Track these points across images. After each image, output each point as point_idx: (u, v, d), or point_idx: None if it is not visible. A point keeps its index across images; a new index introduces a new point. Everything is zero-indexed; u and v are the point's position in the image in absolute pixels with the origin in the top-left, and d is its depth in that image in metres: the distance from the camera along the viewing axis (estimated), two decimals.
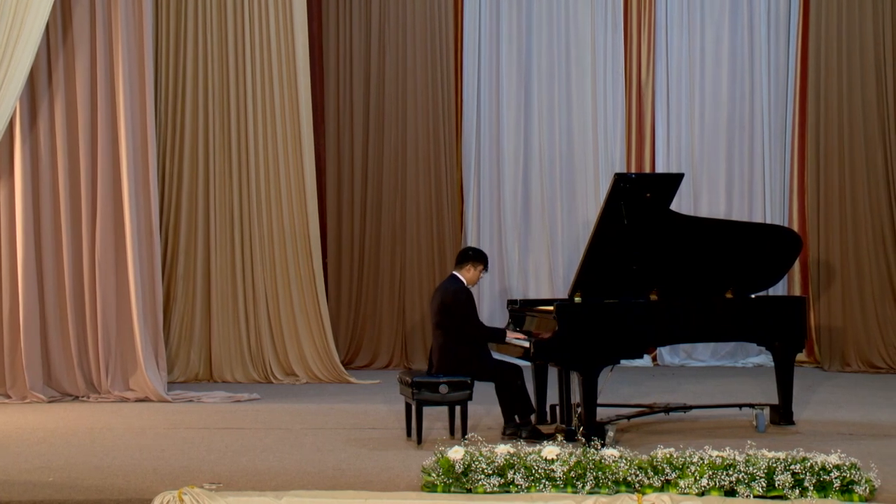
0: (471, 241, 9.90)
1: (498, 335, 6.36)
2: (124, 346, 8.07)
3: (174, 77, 9.16)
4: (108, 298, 8.04)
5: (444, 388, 6.08)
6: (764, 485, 4.82)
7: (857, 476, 4.80)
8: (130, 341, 8.03)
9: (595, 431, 5.90)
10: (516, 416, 6.24)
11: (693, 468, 4.90)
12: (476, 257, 6.41)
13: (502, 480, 4.94)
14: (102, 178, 8.03)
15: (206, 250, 9.14)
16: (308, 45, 9.25)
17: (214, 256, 9.11)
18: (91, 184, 8.05)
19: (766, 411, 6.63)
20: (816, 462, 4.85)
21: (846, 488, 4.79)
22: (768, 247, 6.75)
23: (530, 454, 5.03)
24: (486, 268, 6.45)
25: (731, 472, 4.85)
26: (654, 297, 6.46)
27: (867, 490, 4.80)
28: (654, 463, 4.96)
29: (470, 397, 6.14)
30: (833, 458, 4.87)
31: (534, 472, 4.94)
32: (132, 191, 8.00)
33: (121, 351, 8.08)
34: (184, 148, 9.14)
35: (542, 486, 4.92)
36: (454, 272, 6.41)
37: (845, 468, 4.82)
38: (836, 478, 4.79)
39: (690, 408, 6.90)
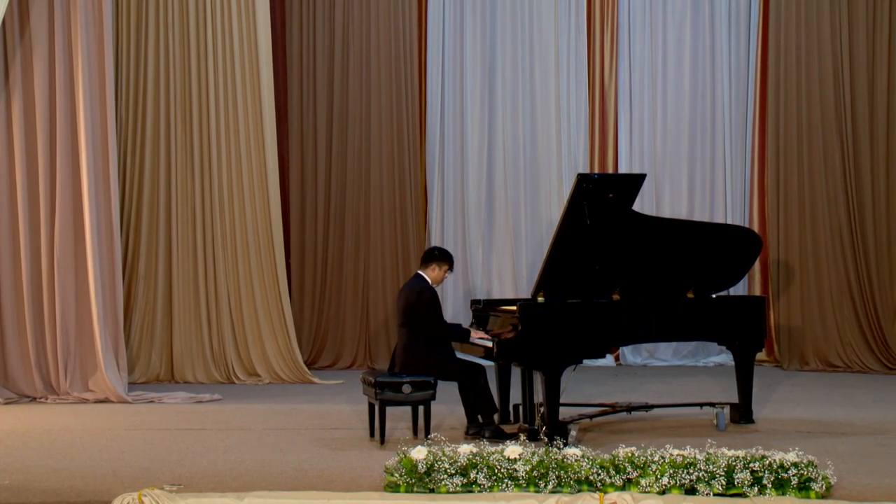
0: (435, 242, 9.91)
1: (462, 335, 6.37)
2: (83, 346, 7.97)
3: (135, 75, 9.07)
4: (67, 298, 7.93)
5: (407, 388, 6.08)
6: (724, 483, 4.88)
7: (814, 473, 4.88)
8: (90, 341, 7.94)
9: (558, 431, 5.93)
10: (479, 416, 6.26)
11: (654, 467, 4.95)
12: (441, 257, 6.41)
13: (465, 480, 4.95)
14: (61, 176, 7.92)
15: (168, 250, 9.07)
16: (271, 44, 9.20)
17: (176, 256, 9.04)
18: (49, 182, 7.94)
19: (727, 410, 6.70)
20: (775, 460, 4.92)
21: (803, 486, 4.86)
22: (729, 247, 6.82)
23: (493, 454, 5.04)
24: (451, 268, 6.47)
25: (691, 471, 4.90)
26: (616, 297, 6.50)
27: (824, 487, 4.87)
28: (616, 462, 5.00)
29: (433, 397, 6.15)
30: (791, 456, 4.94)
31: (496, 471, 4.95)
32: (92, 190, 7.90)
33: (80, 351, 7.98)
34: (145, 147, 9.06)
35: (504, 485, 4.94)
36: (419, 271, 6.41)
37: (803, 466, 4.90)
38: (793, 475, 4.86)
39: (652, 407, 6.96)
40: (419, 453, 5.03)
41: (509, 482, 4.95)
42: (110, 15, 8.13)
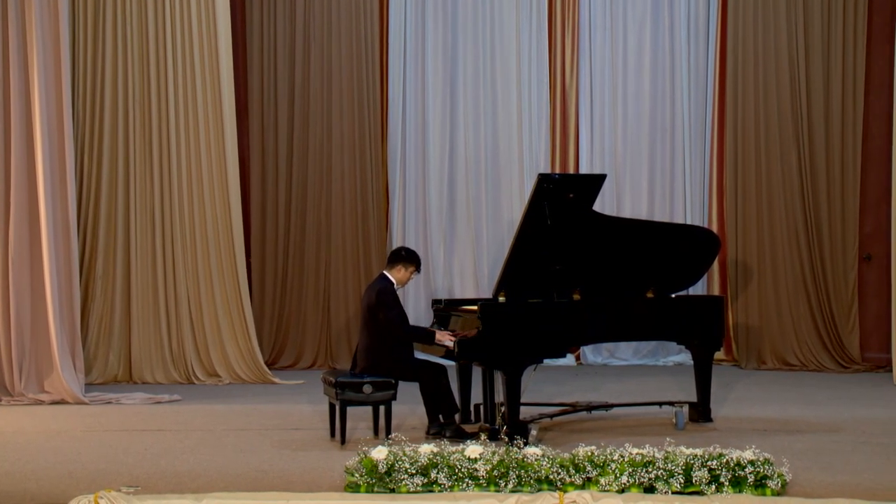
0: (396, 241, 9.89)
1: (426, 336, 6.35)
2: (39, 346, 7.86)
3: (92, 71, 8.96)
4: (23, 298, 7.81)
5: (367, 388, 6.07)
6: (682, 481, 4.94)
7: (769, 471, 4.95)
8: (46, 342, 7.82)
9: (518, 430, 5.95)
10: (441, 416, 6.26)
11: (613, 465, 4.99)
12: (409, 258, 6.39)
13: (425, 480, 4.96)
14: (17, 175, 7.78)
15: (126, 249, 8.97)
16: (231, 41, 9.14)
17: (135, 255, 8.94)
18: (4, 181, 7.80)
19: (686, 409, 6.77)
20: (732, 458, 4.99)
21: (760, 483, 4.93)
22: (688, 247, 6.88)
23: (453, 453, 5.06)
24: (417, 269, 6.44)
25: (650, 469, 4.95)
26: (576, 296, 6.53)
27: (779, 484, 4.95)
28: (576, 461, 5.03)
29: (394, 397, 6.14)
30: (748, 454, 5.01)
31: (457, 471, 4.97)
32: (48, 188, 7.78)
33: (35, 352, 7.86)
34: (103, 144, 8.95)
35: (465, 485, 4.96)
36: (384, 272, 6.38)
37: (759, 463, 4.97)
38: (750, 473, 4.93)
39: (612, 406, 7.00)
40: (380, 453, 5.03)
41: (470, 482, 4.96)
42: (66, 9, 8.02)
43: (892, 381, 8.69)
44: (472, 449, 5.07)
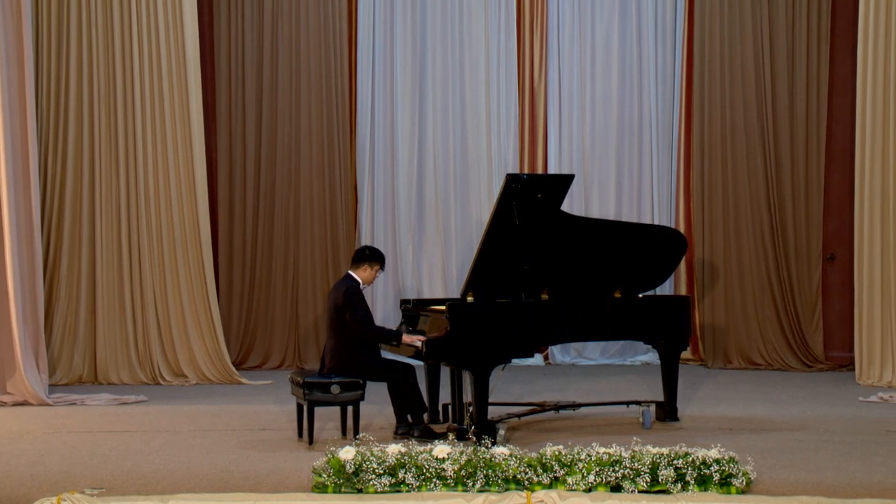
0: (365, 241, 9.87)
1: (392, 337, 6.34)
2: (1, 347, 7.75)
3: (56, 71, 8.87)
4: None
5: (335, 389, 6.05)
6: (648, 480, 4.97)
7: (734, 469, 5.00)
8: (8, 342, 7.72)
9: (486, 430, 5.96)
10: (409, 416, 6.26)
11: (581, 465, 5.02)
12: (373, 257, 6.39)
13: (393, 480, 4.95)
14: None
15: (91, 249, 8.88)
16: (198, 40, 9.08)
17: (100, 255, 8.86)
18: None
19: (652, 408, 6.81)
20: (698, 457, 5.03)
21: (725, 481, 4.98)
22: (655, 247, 6.93)
23: (421, 453, 5.06)
24: (382, 267, 6.44)
25: (617, 469, 4.98)
26: (545, 296, 6.55)
27: (744, 482, 5.00)
28: (543, 460, 5.06)
29: (362, 397, 6.13)
30: (713, 453, 5.06)
31: (425, 471, 4.97)
32: (11, 187, 7.68)
33: None
34: (67, 145, 8.86)
35: (432, 485, 4.96)
36: (350, 271, 6.37)
37: (724, 462, 5.02)
38: (715, 471, 4.98)
39: (580, 406, 7.03)
40: (347, 453, 5.02)
41: (437, 482, 4.96)
42: (29, 9, 7.92)
43: (854, 380, 8.80)
44: (440, 449, 5.07)
